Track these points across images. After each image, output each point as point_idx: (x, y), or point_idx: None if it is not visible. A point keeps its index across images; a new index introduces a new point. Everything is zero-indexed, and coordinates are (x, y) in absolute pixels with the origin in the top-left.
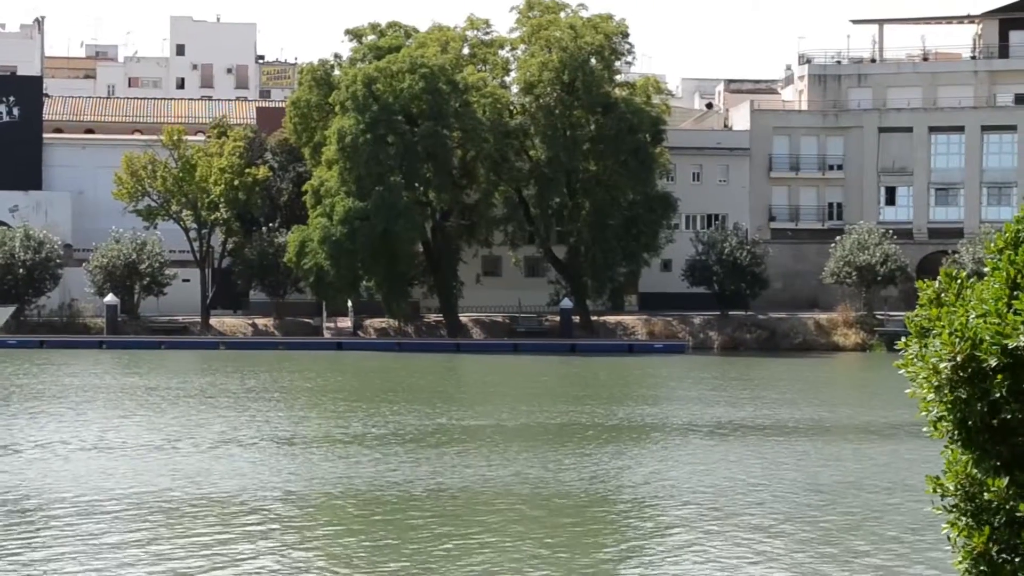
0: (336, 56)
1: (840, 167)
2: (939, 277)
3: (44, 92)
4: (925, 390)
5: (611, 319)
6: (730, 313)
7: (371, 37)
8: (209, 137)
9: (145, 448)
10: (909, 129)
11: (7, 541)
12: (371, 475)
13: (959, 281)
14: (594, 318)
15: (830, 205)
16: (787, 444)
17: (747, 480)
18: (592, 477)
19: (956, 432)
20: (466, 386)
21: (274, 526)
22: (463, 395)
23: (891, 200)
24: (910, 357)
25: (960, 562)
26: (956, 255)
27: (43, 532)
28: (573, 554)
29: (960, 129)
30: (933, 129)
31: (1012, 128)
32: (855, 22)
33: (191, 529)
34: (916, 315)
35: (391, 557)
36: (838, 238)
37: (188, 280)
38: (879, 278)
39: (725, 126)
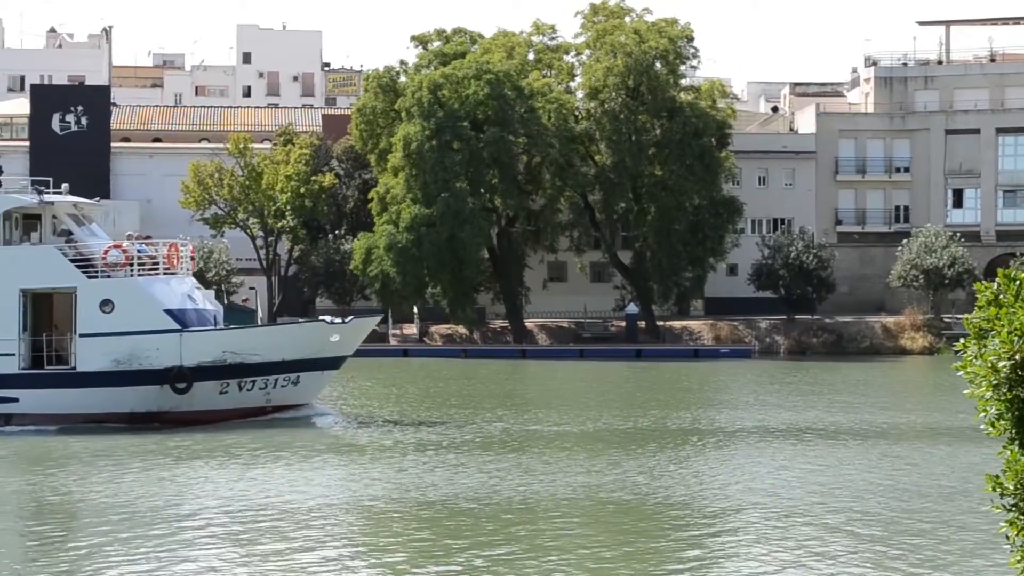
0: (402, 63)
1: (907, 169)
2: (997, 279)
3: (112, 101)
4: (983, 389)
5: (677, 324)
6: (796, 317)
7: (436, 43)
8: (275, 145)
9: (251, 458)
10: (976, 131)
11: (214, 548)
12: (473, 484)
13: (1018, 282)
14: (660, 323)
15: (897, 208)
16: (880, 448)
17: (844, 485)
18: (694, 484)
19: (1015, 431)
20: (547, 392)
21: (380, 534)
22: (546, 401)
23: (958, 202)
24: (969, 358)
25: (1018, 561)
26: None
27: (165, 541)
28: (680, 562)
29: None
30: (1000, 131)
31: None
32: (921, 24)
33: (288, 534)
34: (974, 316)
35: (506, 567)
36: (905, 241)
37: (254, 288)
38: (946, 281)
39: (791, 129)
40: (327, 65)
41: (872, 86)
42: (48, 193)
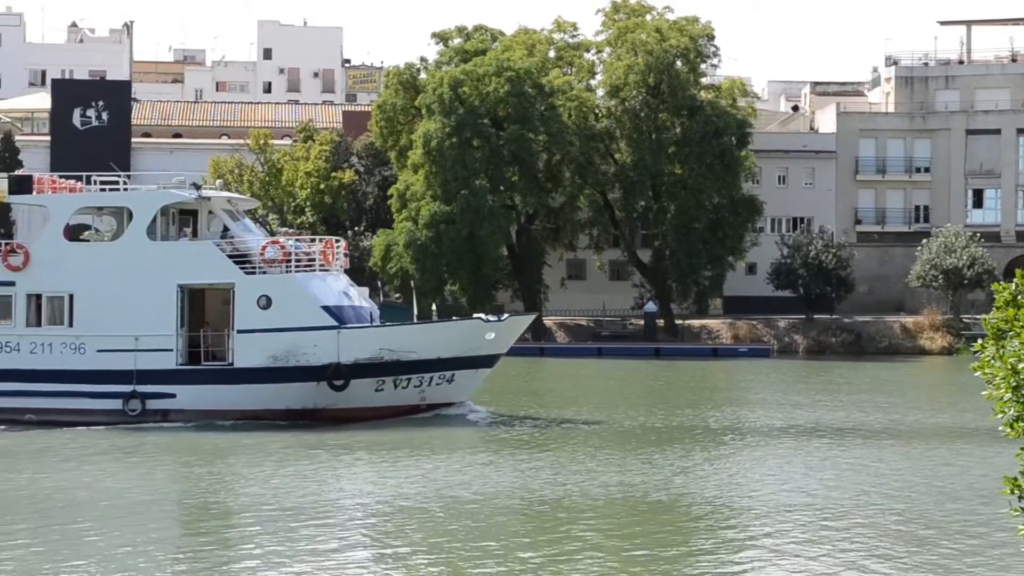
0: (422, 59)
1: (927, 169)
2: (1015, 279)
3: (133, 97)
4: (1002, 390)
5: (695, 323)
6: (815, 317)
7: (457, 40)
8: (295, 141)
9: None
10: (997, 131)
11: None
12: (515, 482)
13: None
14: (678, 322)
15: (917, 208)
16: (913, 448)
17: (877, 486)
18: (727, 483)
19: None
20: (571, 390)
21: (457, 534)
22: (572, 399)
23: (978, 202)
24: (987, 359)
25: None
26: None
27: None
28: (715, 562)
29: None
30: (1021, 131)
31: None
32: (942, 23)
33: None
34: (992, 317)
35: (546, 568)
36: (924, 241)
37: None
38: (966, 281)
39: (811, 128)
40: (347, 62)
41: (893, 86)
42: (205, 188)
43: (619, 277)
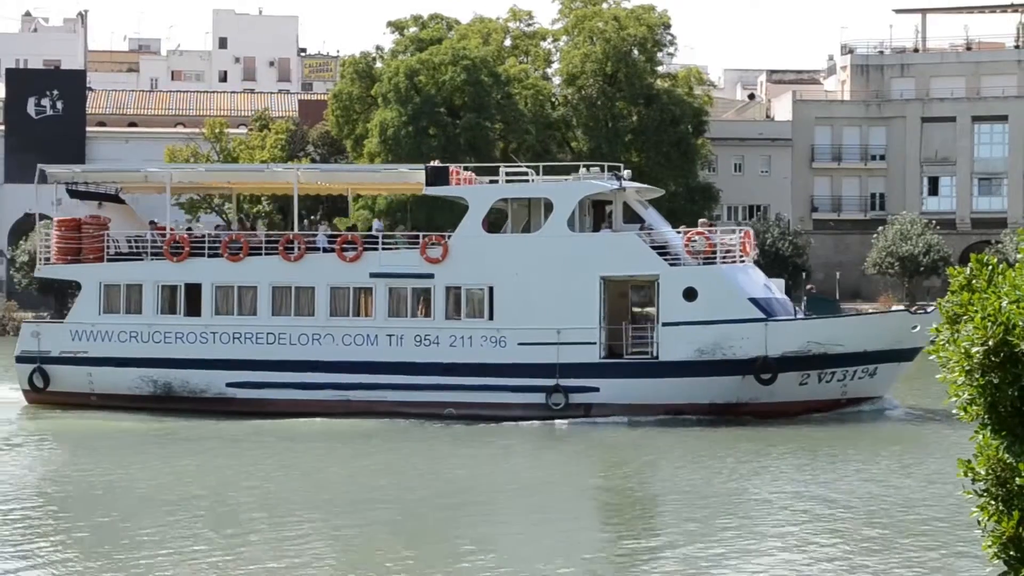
0: (378, 48)
1: (883, 157)
2: (970, 264)
3: (87, 86)
4: (956, 374)
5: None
6: None
7: (413, 29)
8: (251, 130)
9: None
10: (952, 119)
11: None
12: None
13: (990, 267)
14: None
15: (872, 195)
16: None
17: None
18: (711, 474)
19: (987, 416)
20: None
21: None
22: None
23: (934, 190)
24: (941, 343)
25: (989, 546)
26: (999, 245)
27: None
28: (654, 556)
29: (1003, 118)
30: (976, 119)
31: None
32: (898, 11)
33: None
34: (947, 301)
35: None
36: (880, 229)
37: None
38: (922, 268)
39: (767, 117)
40: (303, 50)
41: (848, 74)
42: (623, 179)
43: None
